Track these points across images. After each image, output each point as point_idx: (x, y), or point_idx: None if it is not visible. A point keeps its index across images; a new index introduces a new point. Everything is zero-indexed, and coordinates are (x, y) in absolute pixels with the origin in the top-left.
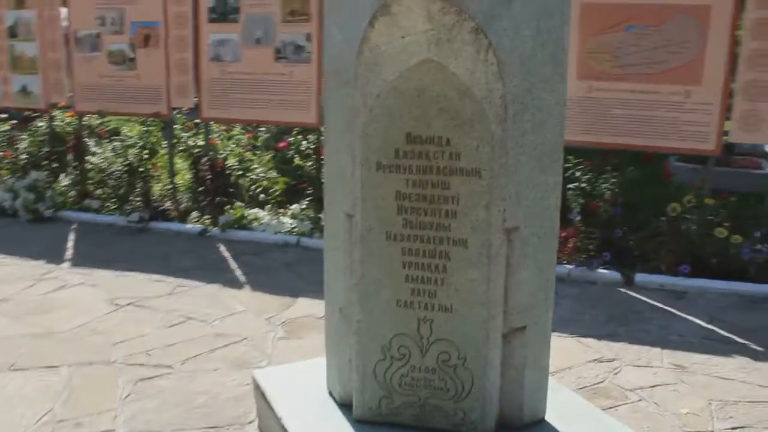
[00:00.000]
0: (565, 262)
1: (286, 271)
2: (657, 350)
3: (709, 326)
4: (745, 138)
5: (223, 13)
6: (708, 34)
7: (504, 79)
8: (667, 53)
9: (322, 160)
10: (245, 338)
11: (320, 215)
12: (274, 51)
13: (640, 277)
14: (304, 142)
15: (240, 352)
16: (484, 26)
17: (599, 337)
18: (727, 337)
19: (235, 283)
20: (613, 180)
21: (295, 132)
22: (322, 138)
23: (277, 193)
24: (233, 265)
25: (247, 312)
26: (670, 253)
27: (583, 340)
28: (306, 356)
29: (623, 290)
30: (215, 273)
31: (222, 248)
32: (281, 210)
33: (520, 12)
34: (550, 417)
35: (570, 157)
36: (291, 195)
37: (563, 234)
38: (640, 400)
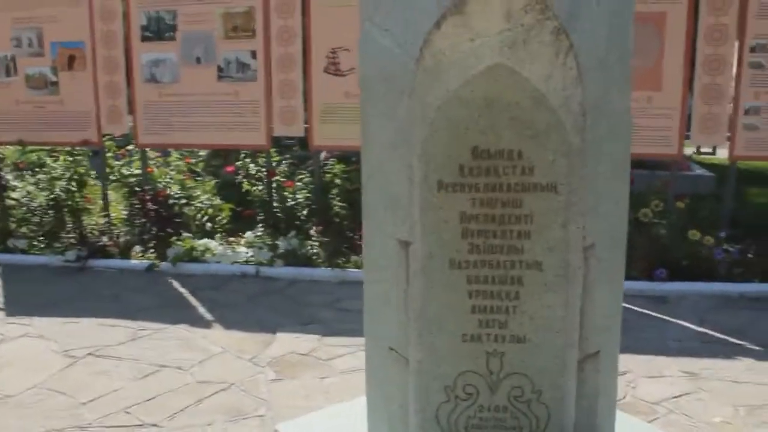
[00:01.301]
0: None
1: (252, 304)
2: (663, 359)
3: (702, 329)
4: (704, 141)
5: (158, 32)
6: (665, 40)
7: (583, 85)
8: None
9: (274, 183)
10: (233, 383)
11: (278, 242)
12: (216, 70)
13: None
14: (252, 165)
15: (232, 400)
16: (567, 26)
17: None
18: (722, 338)
19: (202, 322)
20: None
21: (242, 155)
22: (274, 160)
23: (225, 221)
24: (194, 301)
25: (226, 353)
26: (643, 258)
27: None
28: (308, 399)
29: None
30: (177, 312)
31: (176, 284)
32: (232, 239)
33: (598, 10)
34: None
35: None
36: (238, 222)
37: None
38: (669, 413)
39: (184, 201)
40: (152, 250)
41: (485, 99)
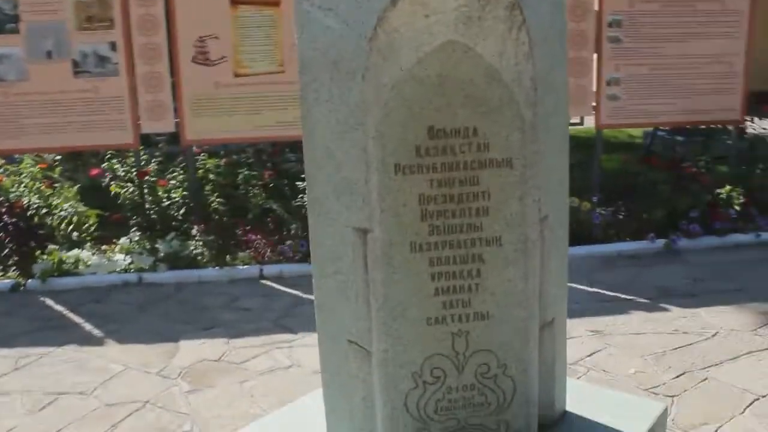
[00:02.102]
0: None
1: (144, 314)
2: (569, 321)
3: (593, 289)
4: (572, 112)
5: None
6: None
7: (533, 60)
8: None
9: (146, 184)
10: (146, 401)
11: (157, 245)
12: (71, 65)
13: None
14: (118, 166)
15: (150, 419)
16: (521, 1)
17: None
18: (613, 296)
19: (92, 340)
20: None
21: (108, 156)
22: (143, 159)
23: (93, 228)
24: (76, 318)
25: (129, 370)
26: None
27: None
28: (232, 407)
29: None
30: (59, 332)
31: (49, 302)
32: (105, 246)
33: None
34: (569, 406)
35: None
36: (107, 228)
37: None
38: (589, 371)
39: (44, 210)
40: (14, 268)
41: (439, 77)
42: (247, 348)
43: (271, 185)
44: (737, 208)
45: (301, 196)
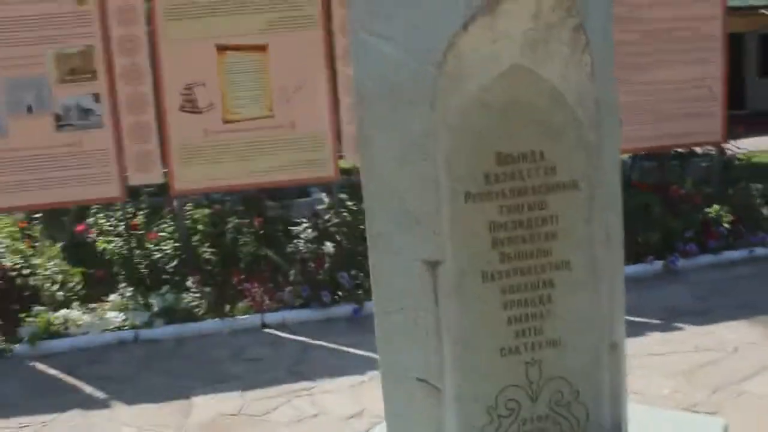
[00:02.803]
0: None
1: (147, 372)
2: None
3: None
4: None
5: None
6: None
7: (596, 81)
8: None
9: (132, 237)
10: None
11: (151, 300)
12: (53, 118)
13: None
14: (102, 221)
15: None
16: (584, 23)
17: None
18: (626, 319)
19: (96, 403)
20: None
21: (93, 210)
22: (128, 211)
23: (79, 287)
24: (75, 381)
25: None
26: None
27: None
28: None
29: None
30: (59, 397)
31: (41, 366)
32: (95, 305)
33: (594, 7)
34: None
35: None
36: (94, 287)
37: None
38: None
39: (27, 271)
40: None
41: (505, 102)
42: (265, 399)
43: (261, 232)
44: (727, 226)
45: (295, 241)
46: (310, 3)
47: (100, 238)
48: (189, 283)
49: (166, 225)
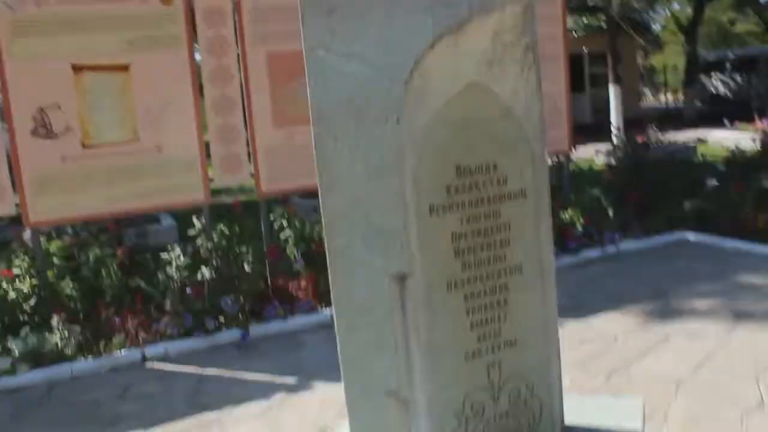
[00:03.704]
0: (321, 308)
1: (20, 425)
2: None
3: None
4: None
5: None
6: None
7: (540, 97)
8: None
9: None
10: None
11: (10, 345)
12: None
13: None
14: None
15: None
16: (533, 44)
17: None
18: None
19: None
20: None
21: None
22: None
23: None
24: None
25: None
26: None
27: None
28: None
29: None
30: None
31: None
32: None
33: (534, 28)
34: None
35: (277, 208)
36: None
37: (303, 284)
38: None
39: None
40: None
41: (463, 117)
42: None
43: (127, 262)
44: (580, 228)
45: (167, 268)
46: (173, 22)
47: None
48: (54, 322)
49: (19, 260)
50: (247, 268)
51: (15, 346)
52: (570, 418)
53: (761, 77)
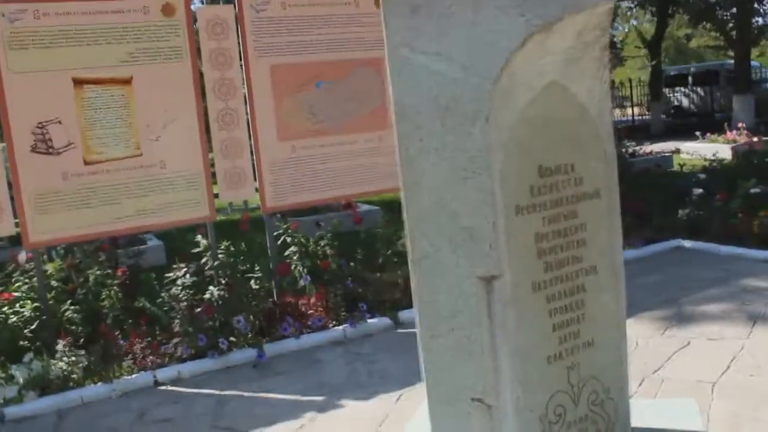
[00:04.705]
0: (332, 324)
1: None
2: None
3: None
4: None
5: None
6: (385, 82)
7: (611, 96)
8: (356, 103)
9: None
10: None
11: (13, 372)
12: None
13: (404, 315)
14: None
15: None
16: (608, 43)
17: None
18: None
19: None
20: (321, 235)
21: None
22: None
23: None
24: None
25: None
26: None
27: None
28: None
29: (404, 331)
30: None
31: None
32: None
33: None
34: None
35: (279, 223)
36: None
37: (312, 300)
38: None
39: None
40: None
41: (544, 117)
42: None
43: (127, 281)
44: None
45: (173, 288)
46: (176, 34)
47: None
48: (59, 347)
49: (19, 283)
50: (254, 285)
51: (17, 372)
52: (633, 421)
53: (722, 90)
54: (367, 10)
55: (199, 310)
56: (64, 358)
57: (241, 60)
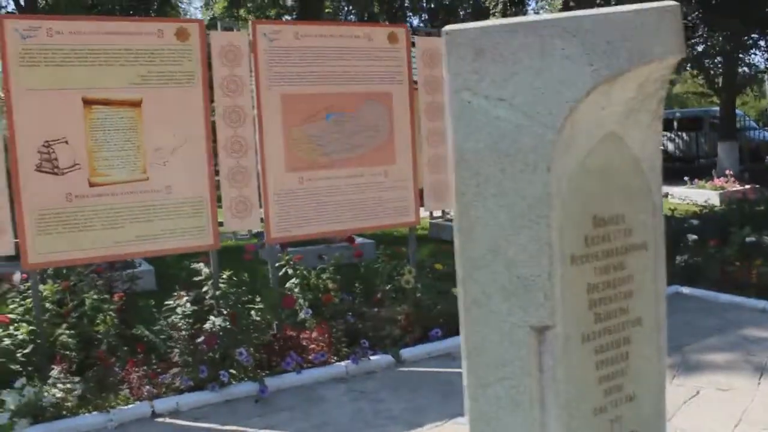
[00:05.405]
0: (334, 360)
1: None
2: None
3: None
4: (436, 206)
5: None
6: (393, 117)
7: (659, 149)
8: (364, 137)
9: None
10: None
11: (4, 398)
12: None
13: (406, 353)
14: None
15: None
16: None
17: None
18: None
19: None
20: (322, 268)
21: None
22: None
23: None
24: None
25: None
26: (412, 323)
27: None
28: None
29: (406, 369)
30: None
31: None
32: None
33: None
34: None
35: (282, 255)
36: None
37: (314, 335)
38: None
39: None
40: None
41: (600, 167)
42: None
43: (123, 307)
44: None
45: (171, 317)
46: (189, 59)
47: None
48: (54, 373)
49: (14, 305)
50: (256, 317)
51: (8, 399)
52: None
53: (706, 136)
54: (380, 45)
55: (200, 340)
56: (59, 385)
57: (252, 87)
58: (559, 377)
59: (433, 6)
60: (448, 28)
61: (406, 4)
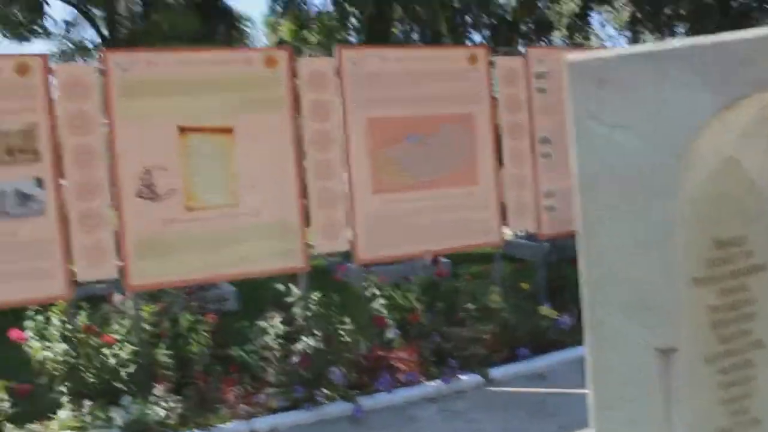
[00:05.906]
0: (423, 379)
1: None
2: None
3: None
4: (518, 225)
5: None
6: (475, 137)
7: None
8: (447, 158)
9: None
10: None
11: (112, 414)
12: None
13: (495, 372)
14: (46, 324)
15: None
16: None
17: None
18: None
19: None
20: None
21: (33, 313)
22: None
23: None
24: None
25: None
26: (498, 342)
27: None
28: None
29: (496, 389)
30: None
31: None
32: (35, 426)
33: None
34: None
35: (367, 275)
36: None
37: (403, 353)
38: None
39: None
40: None
41: (719, 192)
42: None
43: (218, 329)
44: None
45: (264, 337)
46: (277, 85)
47: (39, 344)
48: (157, 392)
49: (120, 327)
50: (347, 337)
51: (116, 415)
52: None
53: None
54: (461, 66)
55: (295, 360)
56: (161, 403)
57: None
58: (683, 398)
59: (495, 22)
60: (571, 58)
61: (468, 21)
